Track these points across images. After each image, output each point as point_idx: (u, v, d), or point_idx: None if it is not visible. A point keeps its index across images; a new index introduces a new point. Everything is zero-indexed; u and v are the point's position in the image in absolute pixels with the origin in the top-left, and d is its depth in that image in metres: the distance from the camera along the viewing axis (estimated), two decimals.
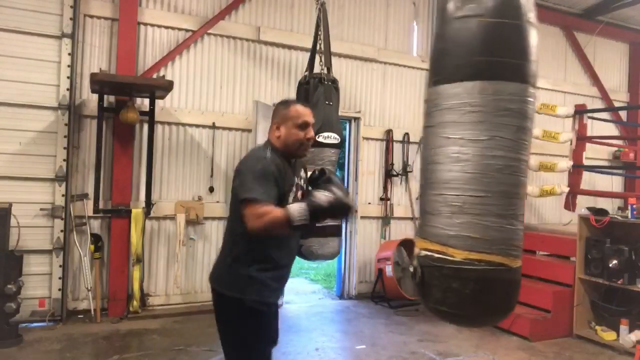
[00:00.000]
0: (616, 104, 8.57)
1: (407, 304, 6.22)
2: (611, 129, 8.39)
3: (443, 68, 2.05)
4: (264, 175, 2.15)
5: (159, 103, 5.56)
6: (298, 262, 7.69)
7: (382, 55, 6.91)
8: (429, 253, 1.97)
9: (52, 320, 5.03)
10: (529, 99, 2.00)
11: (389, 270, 6.13)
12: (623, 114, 8.67)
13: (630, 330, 4.86)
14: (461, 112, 1.95)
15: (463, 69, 1.97)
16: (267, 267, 2.26)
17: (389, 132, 6.92)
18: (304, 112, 2.34)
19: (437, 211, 1.98)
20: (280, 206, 2.09)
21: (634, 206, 4.95)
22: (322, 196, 2.06)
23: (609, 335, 5.00)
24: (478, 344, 4.97)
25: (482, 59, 1.94)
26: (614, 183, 8.27)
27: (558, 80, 8.16)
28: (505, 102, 1.94)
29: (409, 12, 7.16)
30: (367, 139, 6.83)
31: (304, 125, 2.32)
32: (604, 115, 8.11)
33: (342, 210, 2.12)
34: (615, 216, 5.17)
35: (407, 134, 7.03)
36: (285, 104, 2.41)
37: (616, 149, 8.34)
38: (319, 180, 2.36)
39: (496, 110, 1.94)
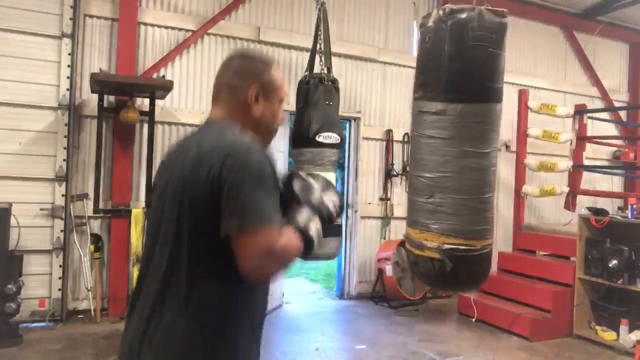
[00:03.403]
0: (616, 104, 8.57)
1: (407, 304, 6.22)
2: (611, 129, 8.39)
3: (462, 88, 2.31)
4: (268, 175, 1.36)
5: (159, 103, 5.55)
6: (298, 262, 7.67)
7: (382, 55, 6.91)
8: (455, 246, 2.35)
9: (52, 320, 5.03)
10: (500, 113, 2.49)
11: (389, 270, 6.13)
12: (623, 114, 8.67)
13: (630, 330, 4.86)
14: (478, 129, 2.32)
15: (480, 92, 2.33)
16: (250, 336, 1.45)
17: (389, 132, 6.91)
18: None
19: (458, 212, 2.36)
20: None
21: (634, 206, 4.95)
22: (333, 201, 1.54)
23: (609, 335, 5.00)
24: (478, 344, 4.97)
25: (491, 85, 2.34)
26: (613, 183, 8.27)
27: (558, 80, 8.16)
28: (498, 119, 2.43)
29: (409, 12, 7.15)
30: (367, 138, 6.83)
31: (282, 101, 1.60)
32: (604, 115, 8.11)
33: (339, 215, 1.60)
34: (615, 216, 5.17)
35: (407, 134, 7.01)
36: (262, 61, 1.57)
37: (616, 149, 8.34)
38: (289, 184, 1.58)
39: (496, 127, 2.40)
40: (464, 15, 2.27)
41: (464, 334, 5.30)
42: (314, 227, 1.42)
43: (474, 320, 5.67)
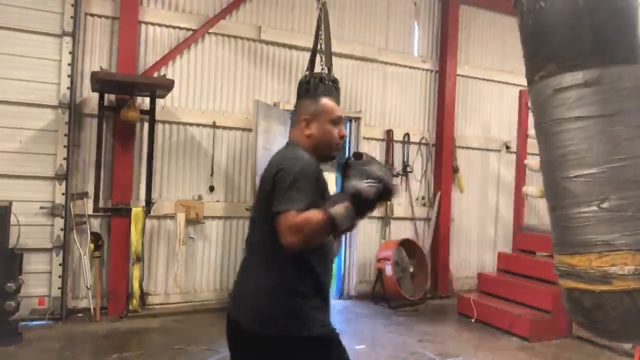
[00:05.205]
0: None
1: (407, 304, 6.22)
2: None
3: (617, 46, 1.75)
4: (303, 177, 1.85)
5: (159, 102, 5.55)
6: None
7: (383, 55, 6.91)
8: None
9: (52, 319, 5.03)
10: None
11: (388, 270, 6.13)
12: None
13: None
14: None
15: (637, 50, 1.78)
16: (317, 289, 1.98)
17: (389, 132, 6.91)
18: (336, 106, 2.10)
19: None
20: None
21: None
22: (364, 184, 1.76)
23: None
24: (477, 345, 4.97)
25: None
26: None
27: None
28: None
29: (409, 12, 7.15)
30: (368, 138, 6.83)
31: (337, 121, 2.07)
32: None
33: (388, 194, 1.82)
34: None
35: (407, 134, 7.03)
36: (312, 98, 2.18)
37: None
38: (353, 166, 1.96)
39: None
40: None
41: (463, 335, 5.30)
42: (339, 207, 1.73)
43: (473, 320, 5.67)
